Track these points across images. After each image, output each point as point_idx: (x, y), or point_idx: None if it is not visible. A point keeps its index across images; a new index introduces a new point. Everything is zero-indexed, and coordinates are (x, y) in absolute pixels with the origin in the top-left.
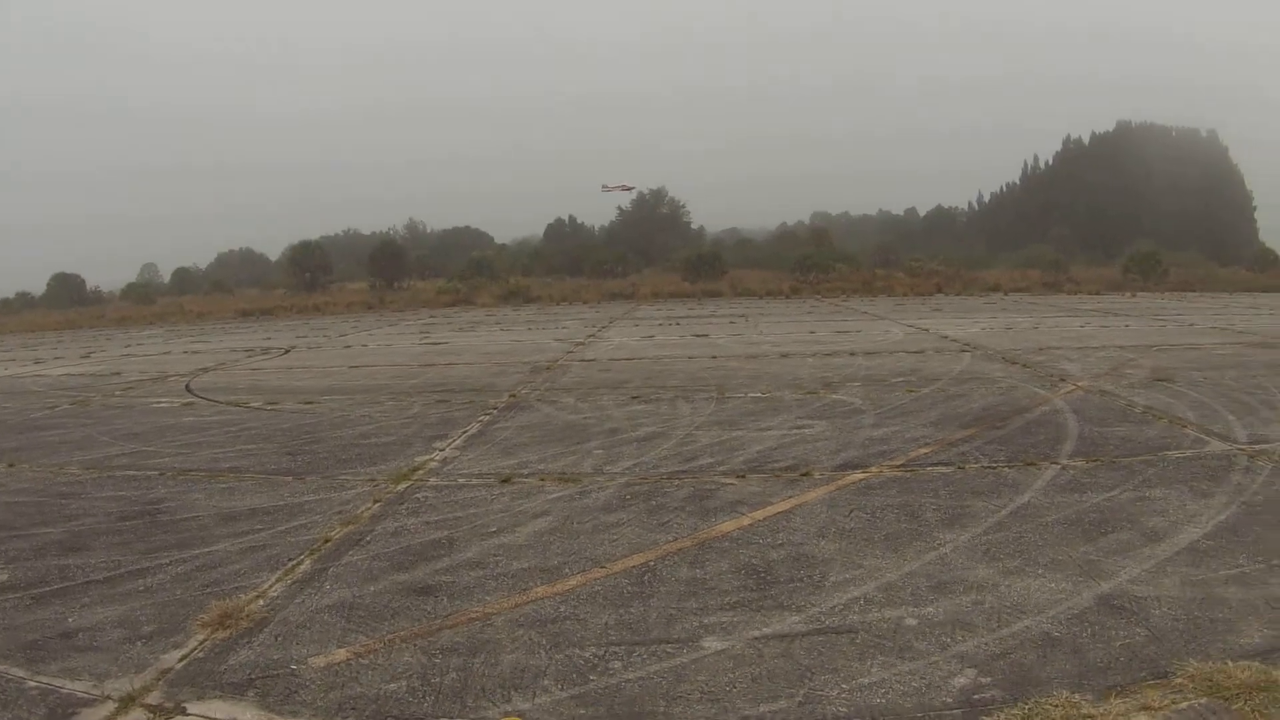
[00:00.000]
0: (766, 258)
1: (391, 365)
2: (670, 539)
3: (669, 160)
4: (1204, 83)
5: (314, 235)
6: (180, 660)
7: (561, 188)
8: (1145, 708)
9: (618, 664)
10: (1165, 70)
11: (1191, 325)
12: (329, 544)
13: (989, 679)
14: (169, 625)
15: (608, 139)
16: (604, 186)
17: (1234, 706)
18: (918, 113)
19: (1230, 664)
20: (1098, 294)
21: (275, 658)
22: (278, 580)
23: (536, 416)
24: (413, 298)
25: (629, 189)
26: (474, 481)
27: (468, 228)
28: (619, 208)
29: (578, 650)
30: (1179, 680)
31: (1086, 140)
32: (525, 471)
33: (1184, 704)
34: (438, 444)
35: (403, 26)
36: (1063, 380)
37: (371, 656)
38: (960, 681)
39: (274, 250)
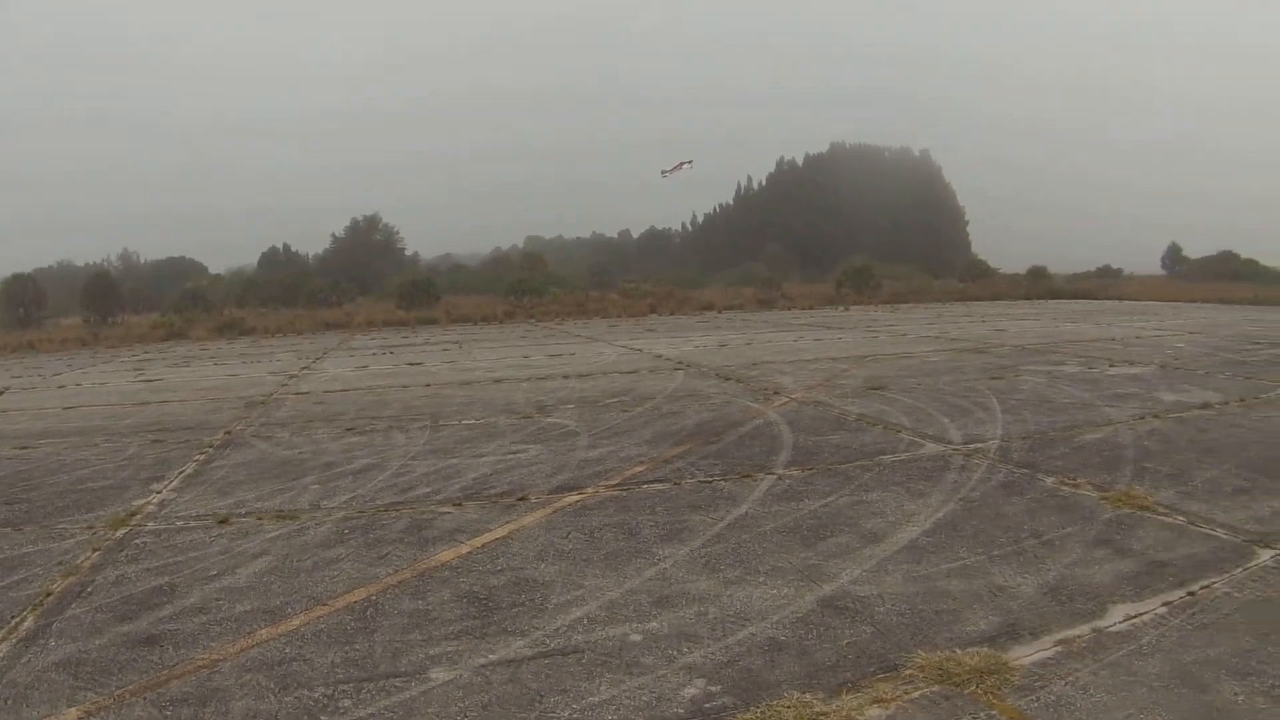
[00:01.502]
0: (481, 283)
1: (107, 405)
2: (390, 571)
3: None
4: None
5: (26, 267)
6: None
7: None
8: (877, 700)
9: (348, 702)
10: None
11: (904, 335)
12: (51, 597)
13: (718, 687)
14: None
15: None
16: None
17: (966, 691)
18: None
19: (959, 652)
20: (811, 309)
21: None
22: (1, 640)
23: (252, 454)
24: (127, 333)
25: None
26: (192, 524)
27: (183, 258)
28: (333, 235)
29: (307, 691)
30: (909, 672)
31: (800, 161)
32: (243, 511)
33: (916, 694)
34: (155, 486)
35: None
36: (776, 393)
37: (103, 714)
38: (690, 692)
39: None
